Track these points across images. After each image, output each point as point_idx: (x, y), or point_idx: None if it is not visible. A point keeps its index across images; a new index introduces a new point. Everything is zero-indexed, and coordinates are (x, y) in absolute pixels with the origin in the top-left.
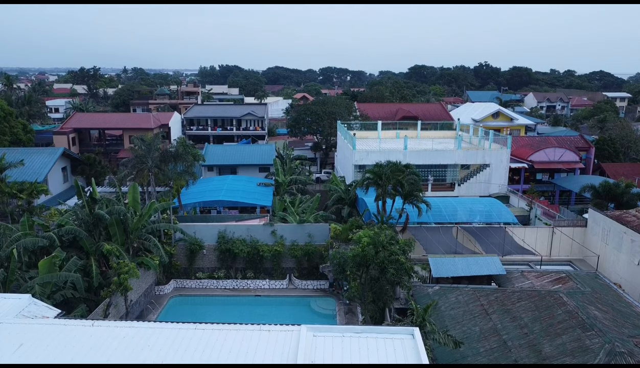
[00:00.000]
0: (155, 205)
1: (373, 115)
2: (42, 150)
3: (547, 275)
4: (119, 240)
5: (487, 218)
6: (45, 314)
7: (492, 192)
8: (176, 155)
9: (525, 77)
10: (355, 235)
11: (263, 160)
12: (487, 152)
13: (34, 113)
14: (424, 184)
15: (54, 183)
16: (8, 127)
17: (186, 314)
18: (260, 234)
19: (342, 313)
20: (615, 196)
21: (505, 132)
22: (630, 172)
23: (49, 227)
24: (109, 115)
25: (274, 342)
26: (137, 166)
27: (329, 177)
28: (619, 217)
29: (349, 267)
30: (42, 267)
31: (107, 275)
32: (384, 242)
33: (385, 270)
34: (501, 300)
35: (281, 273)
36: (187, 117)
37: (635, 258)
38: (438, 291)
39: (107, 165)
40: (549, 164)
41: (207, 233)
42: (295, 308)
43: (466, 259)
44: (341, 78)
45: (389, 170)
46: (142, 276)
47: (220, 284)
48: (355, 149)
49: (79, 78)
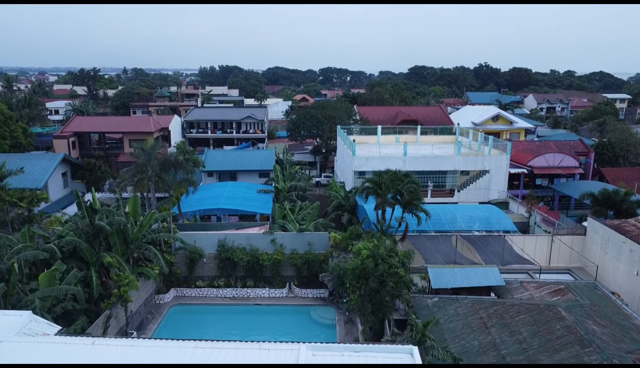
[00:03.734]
0: (156, 215)
1: (373, 119)
2: (43, 155)
3: (546, 286)
4: (119, 250)
5: (487, 226)
6: (46, 331)
7: (491, 198)
8: (176, 164)
9: (525, 78)
10: (354, 246)
11: (263, 166)
12: (486, 158)
13: (34, 116)
14: (423, 190)
15: (54, 188)
16: (8, 131)
17: (186, 324)
18: (260, 243)
19: (341, 323)
20: (615, 203)
21: (505, 135)
22: (630, 176)
23: (49, 238)
24: (109, 119)
25: (273, 360)
26: (137, 175)
27: (329, 181)
28: (618, 226)
29: (349, 280)
30: (42, 280)
31: (108, 285)
32: (384, 254)
33: (385, 283)
34: (500, 313)
35: (281, 282)
36: (187, 120)
37: (634, 268)
38: (437, 303)
39: (107, 170)
40: (549, 169)
41: (207, 242)
42: (295, 318)
43: (465, 270)
44: (341, 78)
45: (388, 179)
46: (142, 285)
47: (220, 293)
48: (355, 155)
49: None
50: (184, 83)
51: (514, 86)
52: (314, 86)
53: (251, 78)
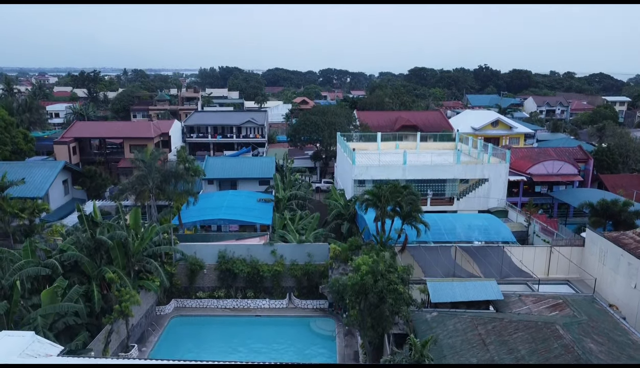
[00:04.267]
0: (157, 229)
1: (373, 124)
2: (43, 163)
3: (544, 300)
4: (120, 263)
5: (486, 235)
6: (48, 352)
7: (491, 206)
8: (177, 175)
9: (525, 80)
10: (354, 262)
11: (263, 174)
12: (485, 167)
13: (34, 120)
14: (423, 198)
15: (54, 196)
16: (9, 137)
17: (187, 336)
18: (260, 254)
19: (341, 335)
20: (613, 214)
21: (504, 140)
22: (629, 183)
23: (51, 252)
24: (110, 124)
25: None
26: (138, 188)
27: (329, 187)
28: (616, 238)
29: (348, 295)
30: (44, 297)
31: (109, 297)
32: (383, 270)
33: (384, 300)
34: (498, 329)
35: (281, 293)
36: (187, 124)
37: (632, 281)
38: (436, 318)
39: (108, 177)
40: (548, 177)
41: (208, 253)
42: (295, 329)
43: (464, 284)
44: (341, 79)
45: (387, 192)
46: (143, 297)
47: (221, 303)
48: (355, 163)
49: (79, 81)
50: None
51: (514, 88)
52: (314, 88)
53: (251, 80)
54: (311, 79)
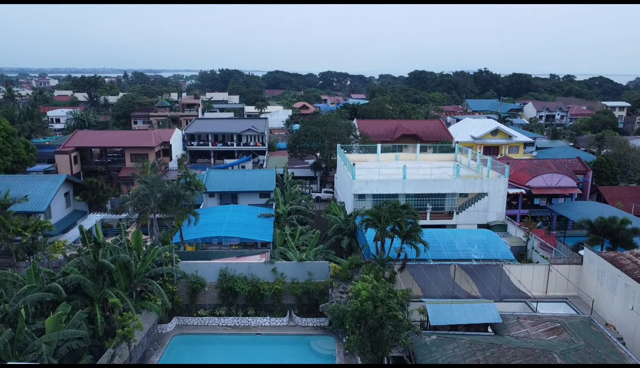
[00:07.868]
0: (159, 250)
1: (373, 133)
2: (45, 177)
3: (542, 323)
4: (123, 285)
5: (485, 252)
6: None
7: (490, 220)
8: (178, 196)
9: (525, 84)
10: (354, 287)
11: (263, 187)
12: (485, 181)
13: (35, 128)
14: (422, 212)
15: (56, 209)
16: (11, 147)
17: (188, 355)
18: (260, 272)
19: (341, 355)
20: (611, 232)
21: (504, 148)
22: (627, 195)
23: (54, 275)
24: (111, 133)
25: None
26: (140, 209)
27: (329, 196)
28: (614, 259)
29: (348, 321)
30: (48, 324)
31: (111, 319)
32: (382, 296)
33: (384, 325)
34: (497, 356)
35: (281, 310)
36: (188, 132)
37: (629, 302)
38: (435, 341)
39: (109, 189)
40: (547, 190)
41: (209, 272)
42: (295, 348)
43: (463, 306)
44: (341, 82)
45: (387, 212)
46: (145, 316)
47: (222, 321)
48: (355, 178)
49: (80, 85)
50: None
51: (513, 92)
52: (314, 91)
53: (251, 83)
54: (311, 82)
